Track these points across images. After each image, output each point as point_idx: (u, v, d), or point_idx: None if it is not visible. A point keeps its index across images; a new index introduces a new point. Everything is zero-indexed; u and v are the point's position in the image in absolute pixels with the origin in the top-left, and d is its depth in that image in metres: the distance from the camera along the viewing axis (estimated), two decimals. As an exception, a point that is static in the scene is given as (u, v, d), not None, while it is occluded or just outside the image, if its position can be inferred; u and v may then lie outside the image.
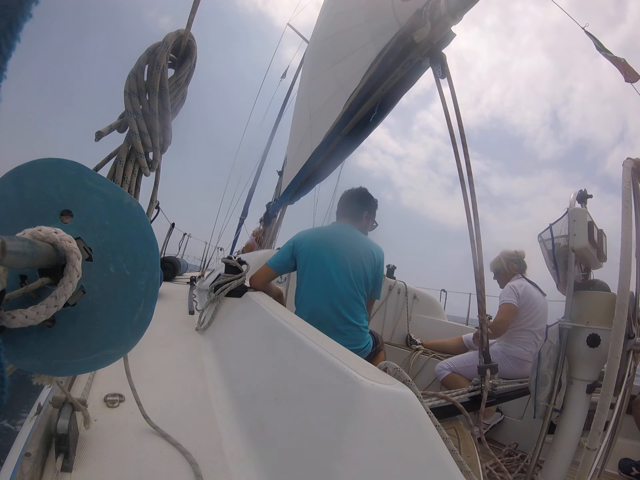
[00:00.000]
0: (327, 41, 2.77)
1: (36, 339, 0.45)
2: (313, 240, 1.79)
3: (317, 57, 2.99)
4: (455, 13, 1.47)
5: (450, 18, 1.48)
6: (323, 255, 1.73)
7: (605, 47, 2.17)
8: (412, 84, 1.93)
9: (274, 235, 4.20)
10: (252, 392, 0.91)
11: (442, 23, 1.51)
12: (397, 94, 2.02)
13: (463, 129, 1.52)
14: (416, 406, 0.63)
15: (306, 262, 1.76)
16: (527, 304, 2.18)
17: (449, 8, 1.47)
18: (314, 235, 1.84)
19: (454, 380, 2.15)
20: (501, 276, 2.48)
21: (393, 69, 1.81)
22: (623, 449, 1.67)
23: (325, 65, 2.71)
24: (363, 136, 2.32)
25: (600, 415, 0.94)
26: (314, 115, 2.81)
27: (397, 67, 1.80)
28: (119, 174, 0.64)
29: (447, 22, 1.51)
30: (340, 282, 1.70)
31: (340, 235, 1.83)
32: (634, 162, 1.09)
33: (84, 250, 0.45)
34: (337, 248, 1.75)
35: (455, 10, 1.46)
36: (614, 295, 1.02)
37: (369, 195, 1.95)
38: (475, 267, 1.46)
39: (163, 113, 0.68)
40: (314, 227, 2.72)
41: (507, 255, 2.49)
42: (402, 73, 1.83)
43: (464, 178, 1.49)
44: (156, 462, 0.67)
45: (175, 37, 0.66)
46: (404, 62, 1.76)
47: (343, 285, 1.70)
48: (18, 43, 0.21)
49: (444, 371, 2.24)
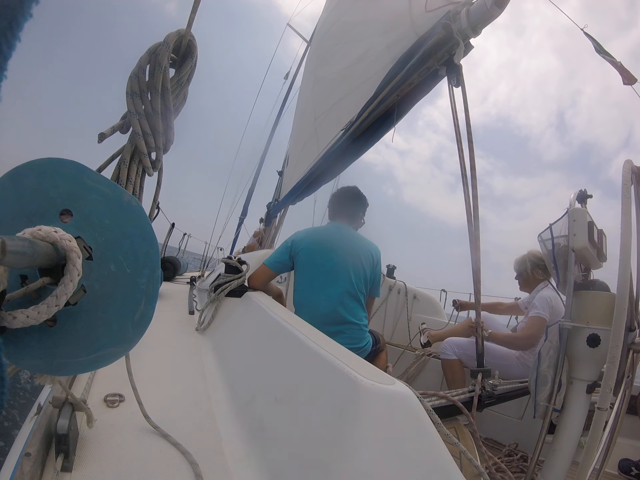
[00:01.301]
0: (337, 47, 2.78)
1: (38, 339, 0.45)
2: (312, 240, 1.81)
3: (323, 61, 3.00)
4: (475, 27, 1.50)
5: (471, 31, 1.51)
6: (322, 254, 1.75)
7: (605, 49, 2.16)
8: (427, 92, 1.94)
9: (275, 236, 4.20)
10: (252, 392, 0.91)
11: (462, 35, 1.53)
12: (412, 101, 2.03)
13: (471, 136, 1.51)
14: (416, 405, 0.63)
15: (305, 261, 1.77)
16: (555, 318, 2.02)
17: (470, 22, 1.49)
18: (312, 235, 1.86)
19: (453, 368, 2.09)
20: (523, 279, 2.32)
21: (410, 76, 1.83)
22: (623, 449, 1.68)
23: (332, 70, 2.73)
24: (373, 140, 2.31)
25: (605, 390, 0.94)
26: (320, 118, 2.81)
27: (413, 75, 1.81)
28: (123, 175, 0.64)
29: (467, 35, 1.53)
30: (340, 281, 1.71)
31: (339, 235, 1.85)
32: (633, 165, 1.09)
33: (84, 249, 0.45)
34: (336, 248, 1.77)
35: (475, 24, 1.49)
36: (614, 295, 1.02)
37: (362, 195, 1.98)
38: (473, 268, 1.46)
39: (165, 113, 0.68)
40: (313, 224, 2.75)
41: (534, 258, 2.27)
42: (418, 80, 1.85)
43: (468, 183, 1.49)
44: (156, 462, 0.67)
45: (176, 37, 0.67)
46: (421, 70, 1.77)
47: (342, 284, 1.72)
48: (18, 43, 0.21)
49: (450, 354, 2.13)
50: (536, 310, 2.06)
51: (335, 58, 2.77)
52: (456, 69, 1.58)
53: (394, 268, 3.43)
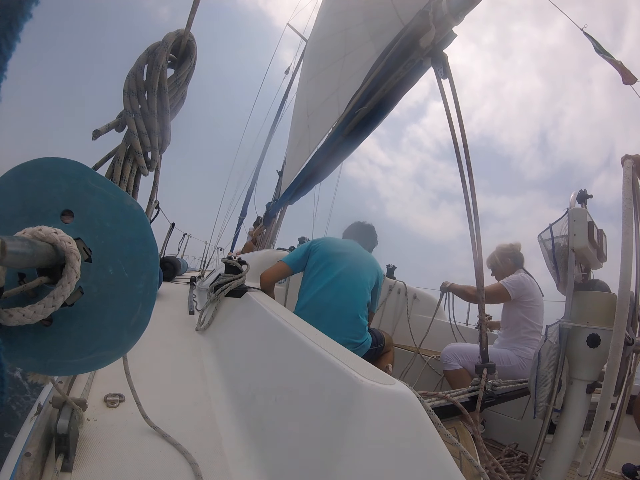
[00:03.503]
0: (325, 40, 2.76)
1: (33, 338, 0.45)
2: (328, 241, 2.04)
3: (314, 57, 2.98)
4: (457, 14, 1.48)
5: (452, 18, 1.49)
6: (335, 255, 1.92)
7: (605, 49, 2.15)
8: (413, 84, 1.93)
9: (274, 235, 4.20)
10: (252, 392, 0.91)
11: (444, 23, 1.52)
12: (398, 94, 2.02)
13: (464, 130, 1.52)
14: (416, 406, 0.63)
15: (319, 259, 1.93)
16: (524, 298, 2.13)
17: (451, 9, 1.48)
18: (328, 239, 2.09)
19: (461, 377, 2.06)
20: (497, 273, 2.40)
21: (395, 69, 1.81)
22: (621, 449, 1.67)
23: (322, 65, 2.71)
24: (363, 136, 2.32)
25: (601, 413, 0.94)
26: (312, 115, 2.81)
27: (399, 67, 1.80)
28: (117, 174, 0.64)
29: (448, 23, 1.51)
30: (347, 278, 1.84)
31: (352, 243, 2.08)
32: (634, 160, 1.09)
33: (84, 251, 0.45)
34: (349, 250, 1.98)
35: (457, 10, 1.47)
36: (614, 295, 1.02)
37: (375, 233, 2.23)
38: (475, 267, 1.46)
39: (162, 113, 0.67)
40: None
41: (501, 250, 2.39)
42: (404, 73, 1.83)
43: (465, 178, 1.49)
44: (156, 462, 0.67)
45: (174, 37, 0.66)
46: (406, 62, 1.76)
47: (350, 280, 1.84)
48: (18, 43, 0.21)
49: (455, 364, 2.11)
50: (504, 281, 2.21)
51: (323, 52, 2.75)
52: (441, 59, 1.58)
53: (394, 268, 3.42)
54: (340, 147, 2.44)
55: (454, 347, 2.22)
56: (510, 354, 2.10)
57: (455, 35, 1.59)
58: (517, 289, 2.15)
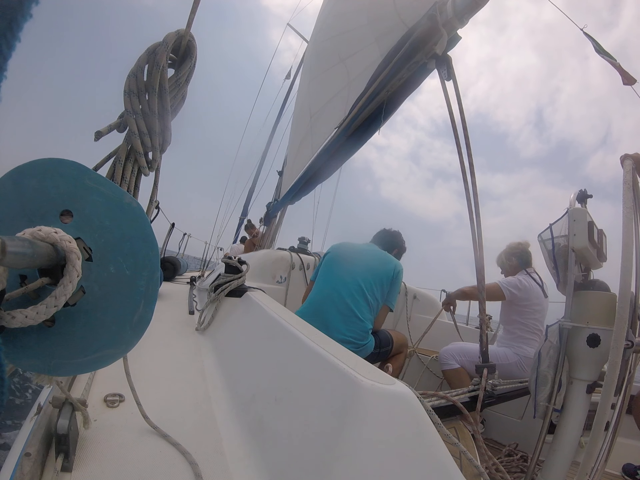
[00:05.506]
0: (328, 42, 2.76)
1: (36, 339, 0.45)
2: (340, 245, 2.13)
3: (317, 58, 2.98)
4: (462, 17, 1.49)
5: (457, 21, 1.50)
6: (344, 256, 2.00)
7: (604, 49, 2.15)
8: (417, 86, 1.94)
9: (274, 235, 4.20)
10: (252, 392, 0.91)
11: (449, 26, 1.52)
12: (402, 96, 2.02)
13: (467, 131, 1.51)
14: (416, 405, 0.63)
15: (329, 261, 2.01)
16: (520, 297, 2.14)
17: (456, 12, 1.48)
18: (342, 244, 2.18)
19: (459, 377, 2.08)
20: (506, 272, 2.40)
21: (399, 70, 1.82)
22: (621, 448, 1.68)
23: (325, 66, 2.70)
24: (366, 137, 2.32)
25: (601, 415, 0.94)
26: (315, 116, 2.81)
27: (403, 69, 1.80)
28: (118, 174, 0.64)
29: (453, 26, 1.52)
30: (352, 277, 1.88)
31: (366, 246, 2.16)
32: (633, 159, 1.08)
33: (84, 250, 0.45)
34: (360, 253, 2.05)
35: (462, 14, 1.48)
36: (614, 295, 1.02)
37: (401, 239, 2.30)
38: (476, 267, 1.46)
39: (162, 113, 0.68)
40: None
41: (507, 249, 2.38)
42: (408, 74, 1.84)
43: (467, 178, 1.49)
44: (156, 462, 0.67)
45: (175, 37, 0.66)
46: (410, 64, 1.76)
47: (354, 280, 1.88)
48: (18, 43, 0.21)
49: (453, 363, 2.13)
50: (501, 280, 2.24)
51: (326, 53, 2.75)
52: (446, 61, 1.58)
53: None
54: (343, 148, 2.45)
55: (451, 346, 2.24)
56: (508, 351, 2.13)
57: (460, 38, 1.59)
58: (511, 291, 2.17)
